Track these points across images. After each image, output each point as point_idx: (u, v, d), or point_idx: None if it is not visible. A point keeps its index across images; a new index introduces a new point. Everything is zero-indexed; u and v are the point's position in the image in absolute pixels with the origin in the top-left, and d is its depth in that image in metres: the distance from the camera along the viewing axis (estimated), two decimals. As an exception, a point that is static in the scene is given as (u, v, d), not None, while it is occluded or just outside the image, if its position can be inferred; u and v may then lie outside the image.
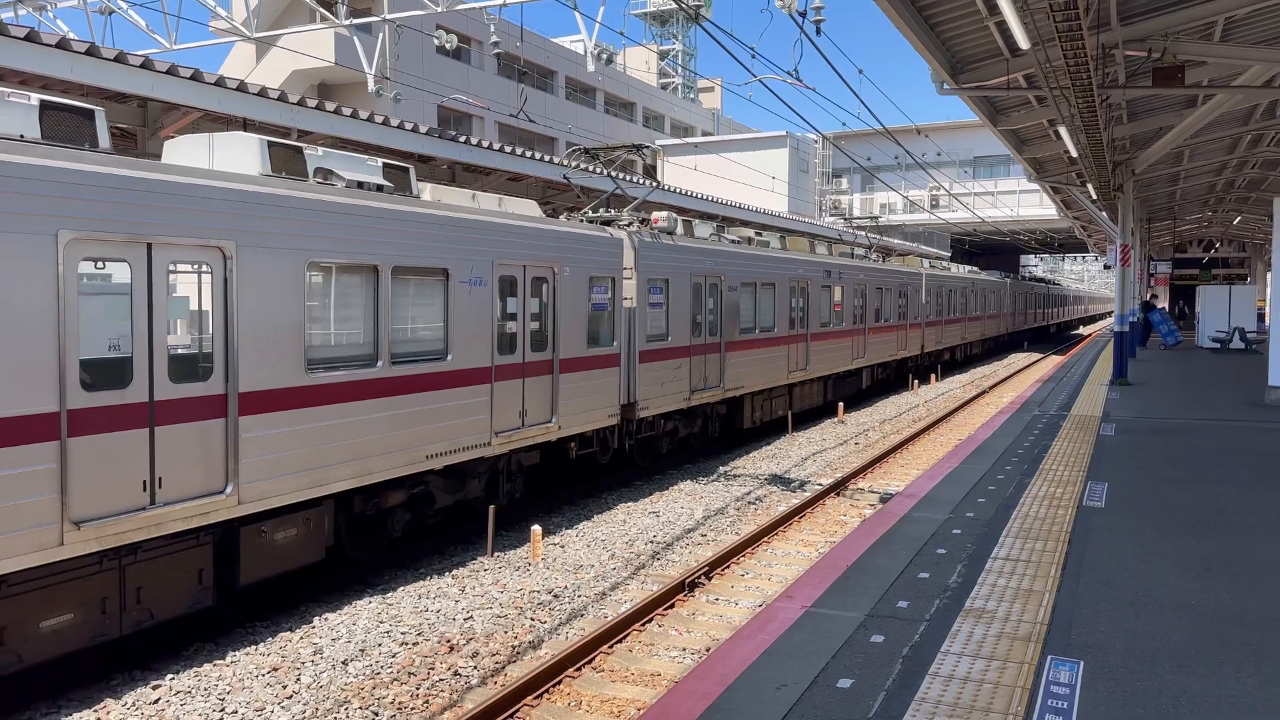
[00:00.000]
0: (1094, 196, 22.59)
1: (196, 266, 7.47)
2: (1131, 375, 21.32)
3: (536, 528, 10.51)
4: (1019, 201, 47.97)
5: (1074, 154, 17.83)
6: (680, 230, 15.83)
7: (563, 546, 10.89)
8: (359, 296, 8.97)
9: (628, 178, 17.42)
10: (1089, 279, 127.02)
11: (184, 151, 8.57)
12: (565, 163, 17.54)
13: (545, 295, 11.65)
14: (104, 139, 7.26)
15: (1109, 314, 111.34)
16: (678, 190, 23.31)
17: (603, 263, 12.73)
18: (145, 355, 7.04)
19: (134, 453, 6.96)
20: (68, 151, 6.64)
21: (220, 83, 11.66)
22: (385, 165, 9.75)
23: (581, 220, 13.53)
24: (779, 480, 14.75)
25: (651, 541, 11.12)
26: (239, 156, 8.34)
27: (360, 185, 9.26)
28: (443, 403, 9.91)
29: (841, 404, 22.08)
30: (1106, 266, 55.43)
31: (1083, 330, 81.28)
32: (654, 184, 18.41)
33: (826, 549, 10.37)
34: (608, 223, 14.00)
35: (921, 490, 9.83)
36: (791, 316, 19.23)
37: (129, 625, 7.12)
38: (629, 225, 14.12)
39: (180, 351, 7.46)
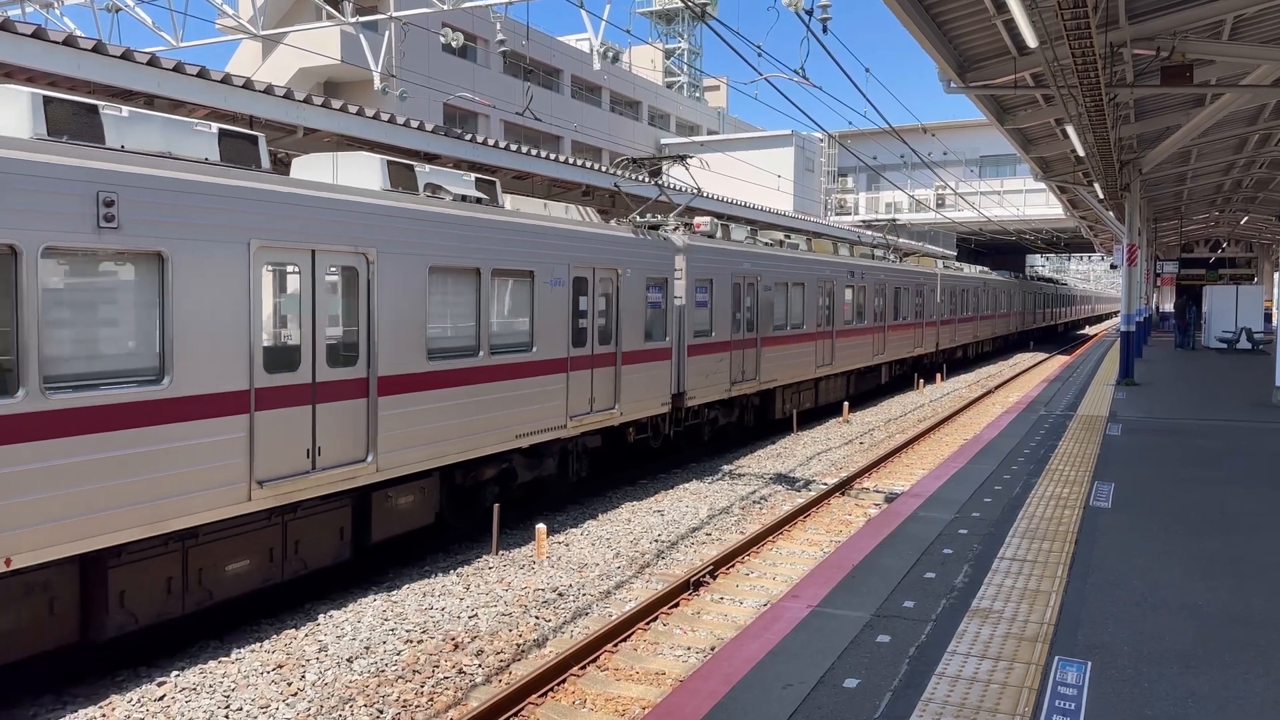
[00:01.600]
0: (1101, 196, 22.51)
1: (344, 269, 8.90)
2: (1138, 375, 21.28)
3: (541, 526, 10.51)
4: (1025, 201, 47.80)
5: (1081, 153, 17.78)
6: (719, 234, 17.14)
7: (567, 545, 10.88)
8: (466, 295, 10.41)
9: (661, 181, 18.93)
10: (1094, 279, 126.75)
11: (310, 168, 9.71)
12: (615, 171, 19.32)
13: (610, 294, 12.99)
14: (265, 160, 8.27)
15: (1115, 314, 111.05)
16: (715, 197, 23.85)
17: (658, 264, 14.10)
18: (310, 344, 8.43)
19: (301, 425, 8.30)
20: (255, 174, 7.89)
21: (226, 80, 11.67)
22: (477, 179, 10.92)
23: (630, 225, 14.47)
24: (784, 480, 14.73)
25: (656, 540, 11.11)
26: (361, 173, 9.56)
27: (464, 198, 10.48)
28: (529, 389, 11.28)
29: (846, 403, 22.05)
30: (1113, 266, 55.22)
31: (1088, 330, 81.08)
32: (696, 191, 19.61)
33: (832, 548, 10.35)
34: (655, 227, 15.20)
35: (927, 490, 9.80)
36: (819, 314, 20.56)
37: (289, 573, 8.42)
38: (675, 229, 15.40)
39: (334, 341, 8.77)
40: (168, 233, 7.14)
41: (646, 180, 19.57)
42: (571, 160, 18.91)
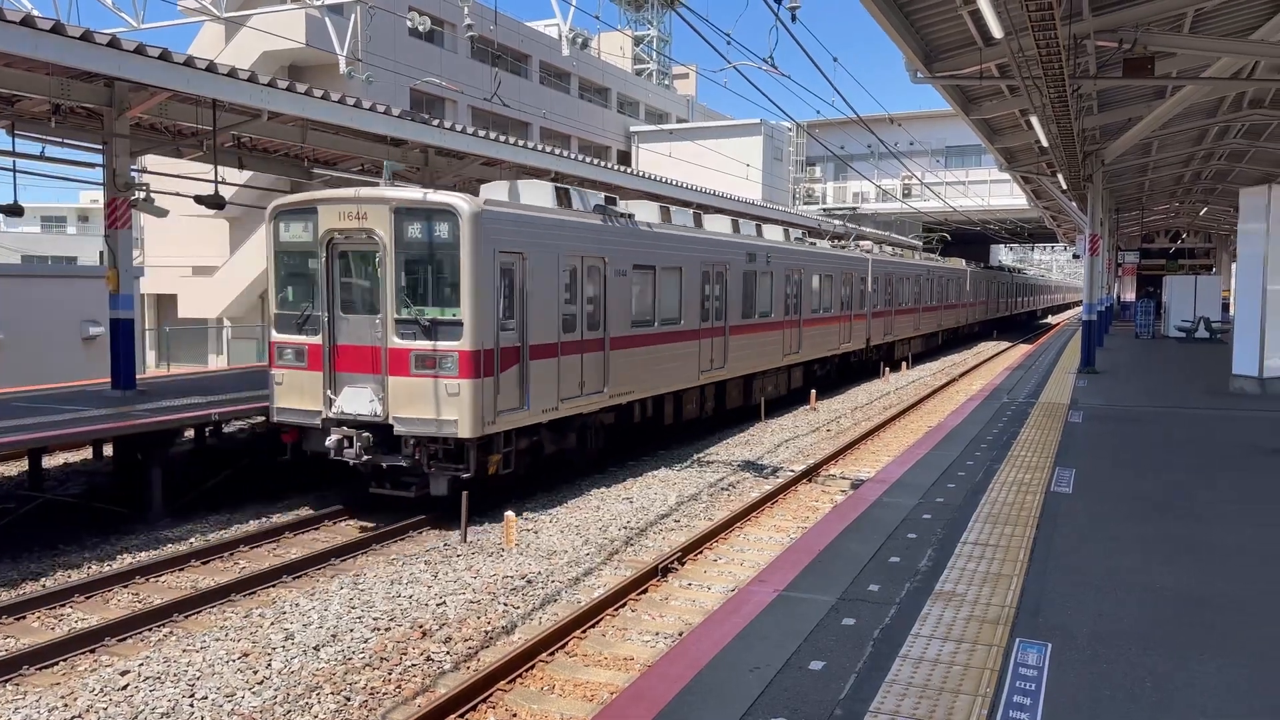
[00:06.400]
0: (1064, 186, 22.77)
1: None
2: (1099, 363, 21.57)
3: (510, 514, 10.50)
4: (990, 191, 48.27)
5: (1045, 144, 17.96)
6: (875, 249, 31.22)
7: (536, 533, 10.89)
8: (822, 284, 24.06)
9: (844, 219, 34.82)
10: (1057, 268, 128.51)
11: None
12: (818, 214, 36.49)
13: (852, 284, 26.61)
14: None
15: (1078, 303, 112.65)
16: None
17: (863, 268, 27.86)
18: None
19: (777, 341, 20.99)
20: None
21: (189, 63, 11.48)
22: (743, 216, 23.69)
23: (829, 246, 26.95)
24: (752, 467, 14.82)
25: (625, 527, 11.15)
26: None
27: (793, 238, 23.65)
28: (832, 327, 24.77)
29: (814, 391, 22.21)
30: (1075, 256, 55.87)
31: (1050, 320, 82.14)
32: (858, 225, 34.15)
33: (799, 534, 10.43)
34: (843, 246, 28.43)
35: (892, 476, 9.91)
36: (915, 297, 34.18)
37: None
38: (852, 248, 29.11)
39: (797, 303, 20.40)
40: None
41: (832, 219, 34.64)
42: (540, 147, 18.83)
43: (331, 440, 11.21)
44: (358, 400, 11.29)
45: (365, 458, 11.14)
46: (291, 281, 11.95)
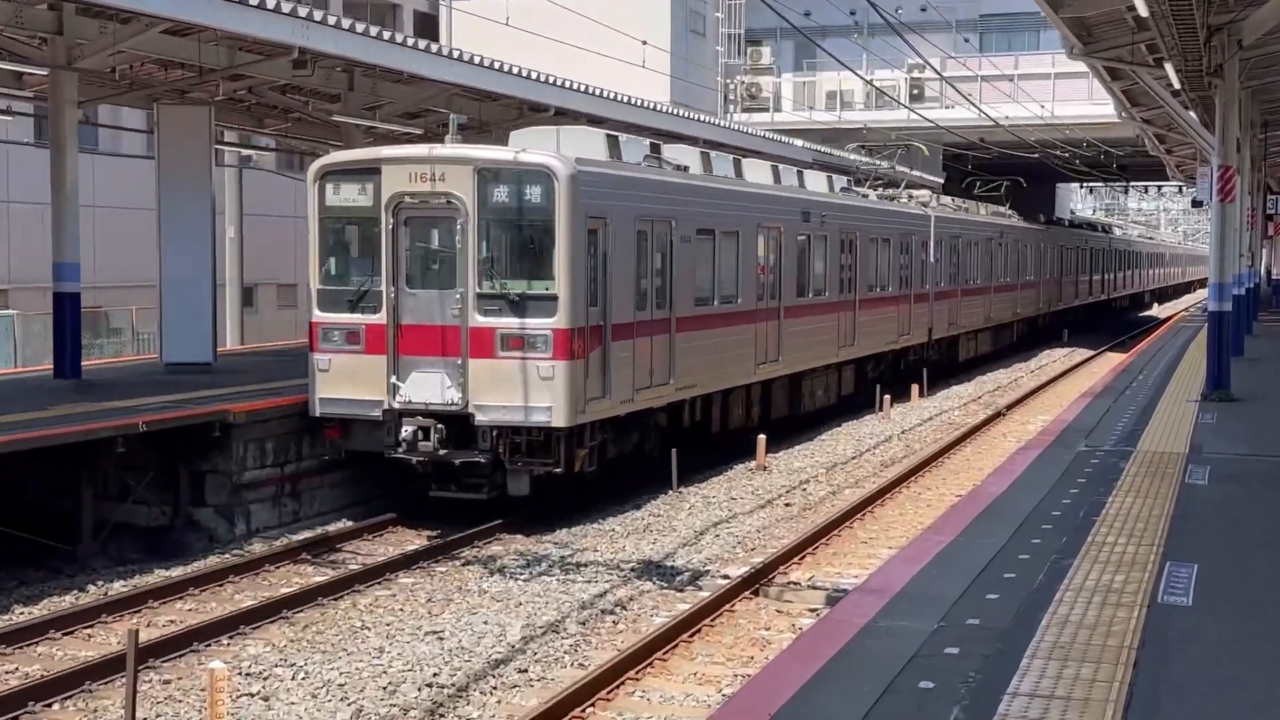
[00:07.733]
0: (1175, 85, 23.36)
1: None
2: (1236, 385, 21.97)
3: (218, 666, 10.26)
4: (1054, 92, 49.27)
5: (1143, 12, 18.46)
6: (932, 200, 37.70)
7: (266, 699, 10.69)
8: (879, 252, 32.06)
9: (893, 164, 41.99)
10: (1167, 224, 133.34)
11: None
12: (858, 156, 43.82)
13: (910, 250, 33.83)
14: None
15: (1204, 283, 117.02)
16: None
17: (923, 229, 34.74)
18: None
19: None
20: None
21: None
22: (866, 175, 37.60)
23: (875, 196, 33.69)
24: (655, 571, 14.83)
25: (430, 684, 11.03)
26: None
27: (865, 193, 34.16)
28: (893, 312, 32.43)
29: (763, 437, 22.27)
30: (1196, 204, 57.55)
31: (1155, 310, 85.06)
32: (904, 173, 39.86)
33: (736, 686, 10.50)
34: (893, 198, 35.60)
35: (895, 582, 10.05)
36: (986, 270, 40.86)
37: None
38: (904, 198, 36.24)
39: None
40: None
41: (879, 164, 40.73)
42: (272, 4, 18.54)
43: (406, 433, 15.75)
44: (428, 387, 16.03)
45: (441, 453, 15.69)
46: (338, 252, 17.14)
